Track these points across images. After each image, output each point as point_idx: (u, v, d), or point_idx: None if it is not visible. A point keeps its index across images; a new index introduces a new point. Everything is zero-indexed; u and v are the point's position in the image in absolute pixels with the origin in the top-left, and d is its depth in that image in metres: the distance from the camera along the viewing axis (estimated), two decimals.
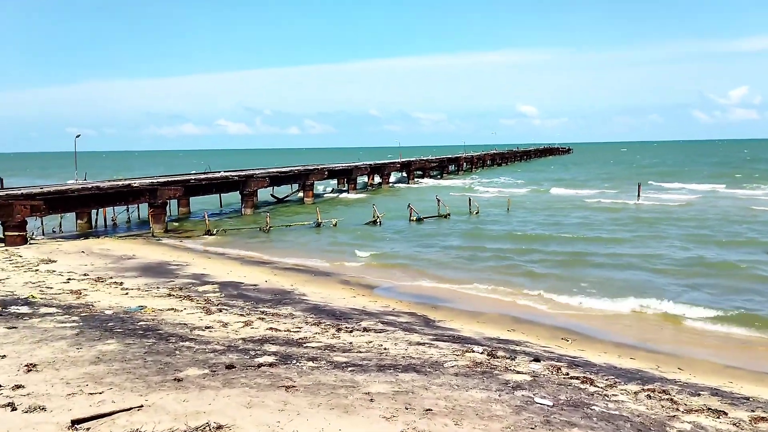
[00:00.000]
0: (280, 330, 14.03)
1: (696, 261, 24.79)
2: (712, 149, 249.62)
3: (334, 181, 71.44)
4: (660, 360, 14.37)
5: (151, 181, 40.43)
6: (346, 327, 14.93)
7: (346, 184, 65.61)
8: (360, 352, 12.03)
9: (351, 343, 13.04)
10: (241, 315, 15.94)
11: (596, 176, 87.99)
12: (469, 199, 46.39)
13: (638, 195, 51.41)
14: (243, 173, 49.98)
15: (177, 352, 11.13)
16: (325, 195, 63.59)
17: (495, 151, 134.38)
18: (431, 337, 14.55)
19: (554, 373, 10.91)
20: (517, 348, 13.87)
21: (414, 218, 41.35)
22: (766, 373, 13.65)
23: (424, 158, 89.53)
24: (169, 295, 18.58)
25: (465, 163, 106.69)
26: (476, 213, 44.56)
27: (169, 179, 42.03)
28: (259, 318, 15.53)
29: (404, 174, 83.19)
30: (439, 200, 44.78)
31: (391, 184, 74.45)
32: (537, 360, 12.01)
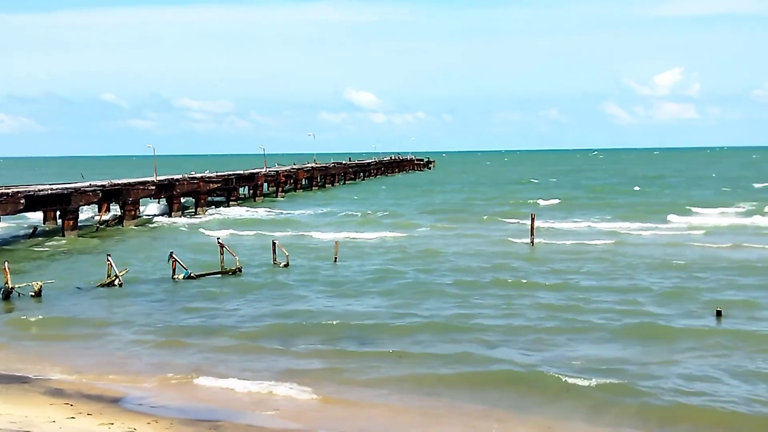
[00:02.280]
0: None
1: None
2: (629, 163, 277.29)
3: (38, 215, 69.16)
4: None
5: None
6: None
7: (60, 220, 63.40)
8: None
9: None
10: None
11: (467, 204, 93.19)
12: (273, 243, 46.72)
13: (531, 233, 54.99)
14: None
15: None
16: (19, 239, 61.36)
17: (315, 164, 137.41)
18: None
19: None
20: None
21: (181, 276, 41.40)
22: None
23: (198, 175, 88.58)
24: None
25: (267, 183, 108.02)
26: (284, 265, 45.11)
27: None
28: None
29: (164, 202, 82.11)
30: (222, 245, 44.62)
31: (140, 219, 73.01)
32: None
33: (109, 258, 40.25)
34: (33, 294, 37.01)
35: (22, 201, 54.98)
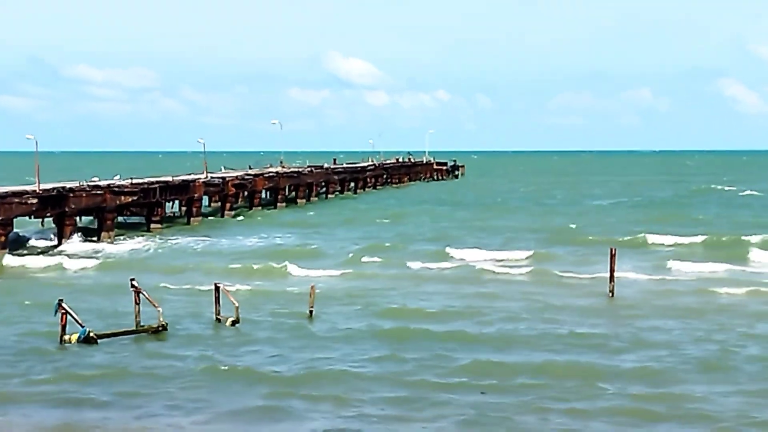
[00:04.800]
0: None
1: None
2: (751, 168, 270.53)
3: None
4: None
5: None
6: None
7: None
8: None
9: None
10: None
11: (511, 234, 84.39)
12: (217, 288, 41.84)
13: (610, 279, 48.91)
14: None
15: None
16: None
17: (281, 168, 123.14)
18: None
19: None
20: None
21: (72, 337, 37.85)
22: None
23: (103, 183, 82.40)
24: None
25: (208, 197, 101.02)
26: (233, 322, 40.48)
27: None
28: None
29: (51, 222, 75.90)
30: (139, 290, 40.09)
31: (8, 251, 66.74)
32: None
33: None
34: None
35: None
